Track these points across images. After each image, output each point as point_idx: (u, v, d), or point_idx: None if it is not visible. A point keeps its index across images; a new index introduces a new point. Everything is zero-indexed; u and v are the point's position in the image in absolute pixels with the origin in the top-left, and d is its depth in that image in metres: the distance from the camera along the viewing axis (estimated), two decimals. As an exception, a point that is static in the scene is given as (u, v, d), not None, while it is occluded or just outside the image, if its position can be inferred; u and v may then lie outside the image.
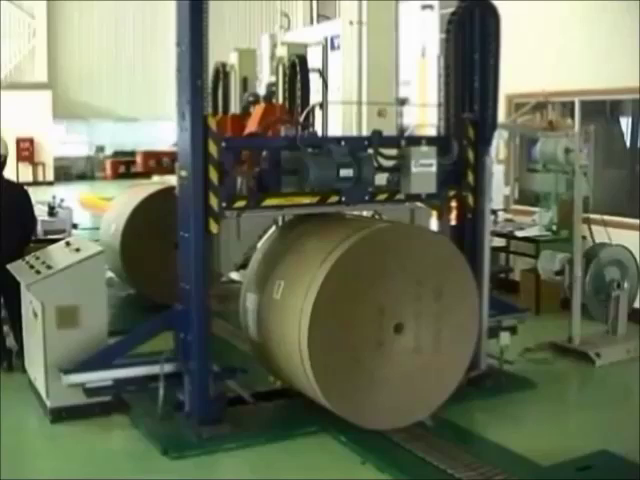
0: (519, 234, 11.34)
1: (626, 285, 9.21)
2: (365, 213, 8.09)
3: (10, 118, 26.57)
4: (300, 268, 6.75)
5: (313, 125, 8.92)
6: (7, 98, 28.61)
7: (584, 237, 9.32)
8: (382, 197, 7.42)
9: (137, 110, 34.07)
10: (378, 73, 12.65)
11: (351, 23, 13.69)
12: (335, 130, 12.59)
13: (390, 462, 6.22)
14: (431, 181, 7.38)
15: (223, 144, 6.65)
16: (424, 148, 7.39)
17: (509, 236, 11.53)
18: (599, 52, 10.80)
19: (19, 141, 32.10)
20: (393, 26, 13.80)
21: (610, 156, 11.75)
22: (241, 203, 6.84)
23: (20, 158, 32.07)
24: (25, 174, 30.54)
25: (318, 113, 10.94)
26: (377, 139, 7.37)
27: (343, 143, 7.18)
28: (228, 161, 6.70)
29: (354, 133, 12.87)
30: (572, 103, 11.38)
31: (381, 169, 7.41)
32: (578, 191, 9.03)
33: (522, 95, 11.54)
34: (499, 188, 11.62)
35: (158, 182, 14.54)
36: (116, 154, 35.02)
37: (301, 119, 7.98)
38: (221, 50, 11.54)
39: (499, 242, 11.47)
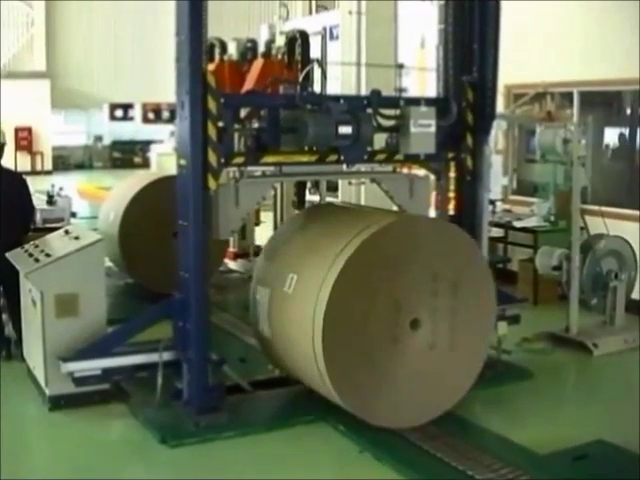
0: (517, 224, 11.36)
1: (623, 276, 9.24)
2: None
3: (8, 107, 26.56)
4: (313, 262, 6.60)
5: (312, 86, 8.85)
6: (5, 87, 28.60)
7: (582, 228, 9.33)
8: (381, 157, 7.44)
9: (136, 100, 33.95)
10: (377, 63, 12.64)
11: (350, 13, 13.68)
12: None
13: (388, 451, 6.23)
14: (430, 141, 7.35)
15: (222, 100, 6.63)
16: (423, 108, 7.36)
17: (507, 226, 11.55)
18: (598, 43, 10.79)
19: (17, 130, 32.20)
20: (392, 16, 13.79)
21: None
22: (240, 159, 6.85)
23: (18, 147, 32.16)
24: (23, 163, 30.54)
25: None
26: (376, 98, 7.36)
27: (342, 102, 7.14)
28: (227, 118, 6.71)
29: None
30: (571, 94, 11.38)
31: (380, 129, 7.39)
32: (576, 182, 9.04)
33: (521, 86, 11.55)
34: (497, 178, 11.65)
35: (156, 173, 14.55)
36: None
37: (300, 78, 7.98)
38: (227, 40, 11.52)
39: (497, 232, 11.48)
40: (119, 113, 30.67)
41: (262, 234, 13.09)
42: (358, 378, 6.35)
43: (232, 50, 11.57)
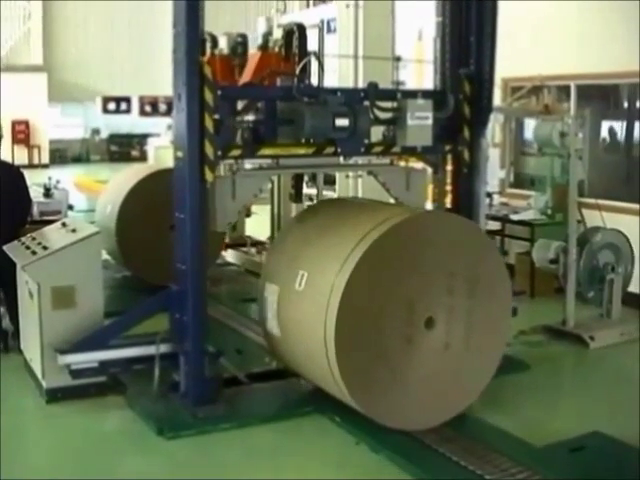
0: (514, 217, 11.36)
1: (620, 269, 9.25)
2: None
3: (6, 100, 26.54)
4: (325, 259, 6.41)
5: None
6: (2, 81, 28.53)
7: (579, 221, 9.34)
8: (378, 149, 7.44)
9: (133, 93, 33.90)
10: (374, 56, 12.64)
11: (347, 6, 13.66)
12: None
13: (384, 442, 6.22)
14: (427, 133, 7.36)
15: (219, 92, 6.63)
16: (420, 101, 7.37)
17: (504, 219, 11.55)
18: (595, 36, 10.79)
19: (15, 123, 32.14)
20: (389, 9, 13.77)
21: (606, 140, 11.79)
22: (237, 152, 6.85)
23: (16, 141, 32.14)
24: (21, 157, 30.49)
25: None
26: (373, 91, 7.35)
27: (339, 94, 7.15)
28: (224, 110, 6.71)
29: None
30: (568, 87, 11.38)
31: (377, 121, 7.40)
32: (573, 175, 9.05)
33: (518, 79, 11.55)
34: (495, 171, 11.66)
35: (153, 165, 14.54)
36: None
37: (297, 70, 8.01)
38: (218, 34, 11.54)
39: (494, 225, 11.49)
40: (112, 106, 30.41)
41: (252, 225, 13.15)
42: (371, 379, 6.18)
43: (223, 44, 11.59)
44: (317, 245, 6.70)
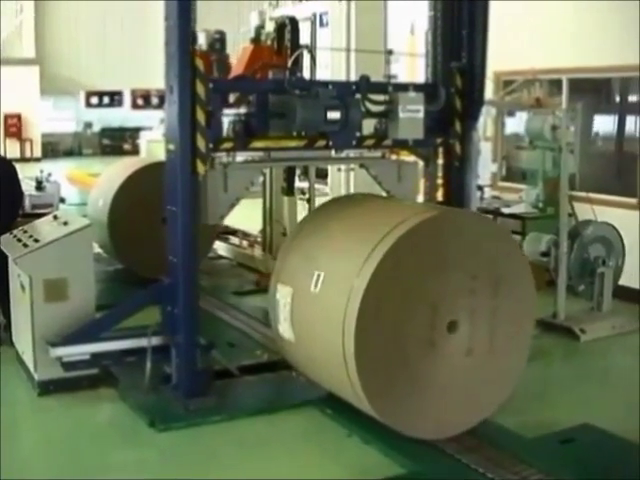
0: (506, 211, 11.38)
1: (611, 262, 9.27)
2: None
3: (-2, 94, 26.48)
4: (343, 259, 6.15)
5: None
6: (-6, 74, 28.48)
7: (570, 214, 9.36)
8: (369, 142, 7.46)
9: (126, 86, 33.90)
10: (366, 49, 12.65)
11: (340, 0, 13.67)
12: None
13: (376, 434, 6.22)
14: (418, 127, 7.39)
15: (210, 85, 6.64)
16: (412, 94, 7.41)
17: (496, 213, 11.54)
18: (587, 30, 10.81)
19: (7, 117, 32.05)
20: (382, 3, 13.78)
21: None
22: (228, 145, 6.87)
23: (8, 134, 32.03)
24: (13, 150, 30.40)
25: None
26: (365, 84, 7.37)
27: (331, 87, 7.16)
28: (215, 103, 6.72)
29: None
30: (560, 81, 11.40)
31: (369, 114, 7.42)
32: (564, 168, 9.07)
33: (510, 72, 11.56)
34: (486, 165, 11.67)
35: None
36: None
37: (289, 63, 8.02)
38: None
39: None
40: (94, 100, 30.50)
41: (231, 216, 13.12)
42: (392, 387, 5.90)
43: (202, 41, 11.60)
44: (334, 244, 6.48)
